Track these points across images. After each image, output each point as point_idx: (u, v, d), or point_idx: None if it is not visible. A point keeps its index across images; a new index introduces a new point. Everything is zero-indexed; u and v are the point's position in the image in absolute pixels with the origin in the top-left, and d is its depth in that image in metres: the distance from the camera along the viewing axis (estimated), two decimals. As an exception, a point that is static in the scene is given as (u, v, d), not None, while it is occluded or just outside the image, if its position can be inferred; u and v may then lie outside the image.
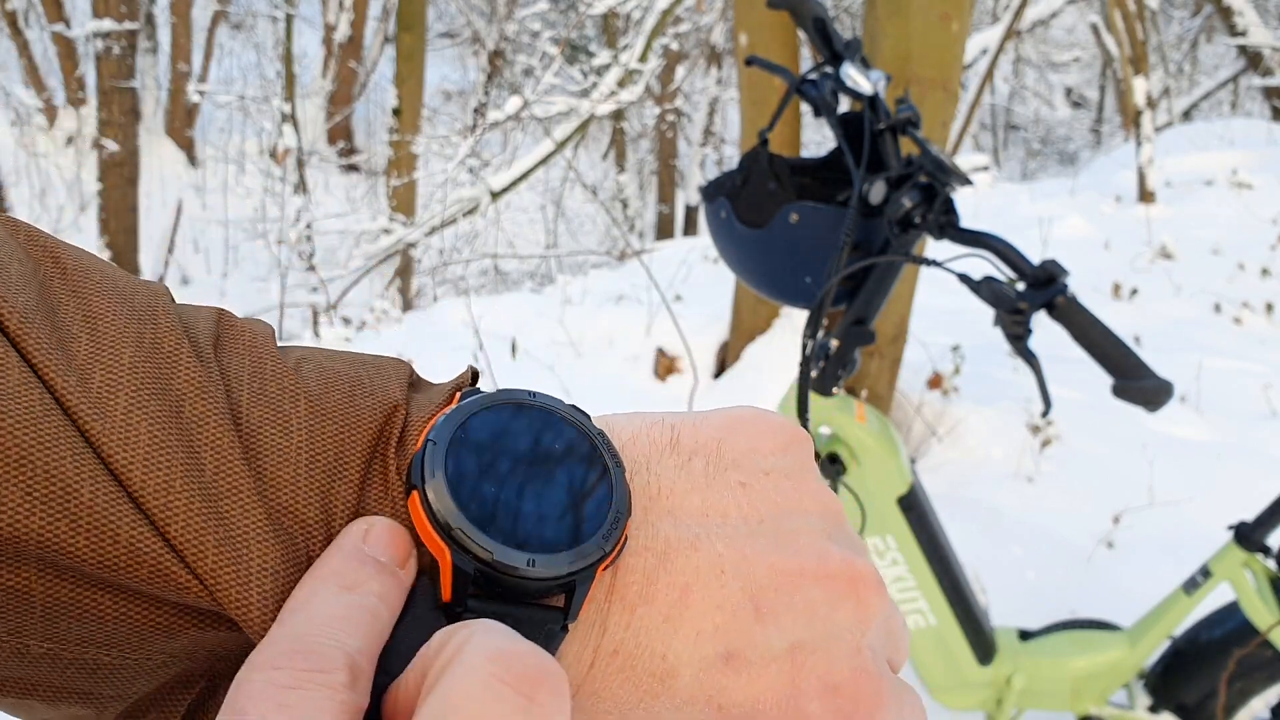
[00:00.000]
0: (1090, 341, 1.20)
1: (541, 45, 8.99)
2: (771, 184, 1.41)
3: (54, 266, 0.27)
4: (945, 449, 2.96)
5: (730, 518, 0.30)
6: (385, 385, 0.30)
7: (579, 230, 10.20)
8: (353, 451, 0.28)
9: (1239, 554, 1.47)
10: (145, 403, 0.25)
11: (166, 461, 0.24)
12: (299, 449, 0.27)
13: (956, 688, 1.56)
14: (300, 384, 0.28)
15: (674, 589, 0.29)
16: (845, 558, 0.30)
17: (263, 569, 0.25)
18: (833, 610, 0.29)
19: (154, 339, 0.26)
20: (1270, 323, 4.25)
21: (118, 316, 0.26)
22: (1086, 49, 14.07)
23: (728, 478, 0.31)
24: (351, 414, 0.28)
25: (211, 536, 0.24)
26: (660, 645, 0.28)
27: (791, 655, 0.29)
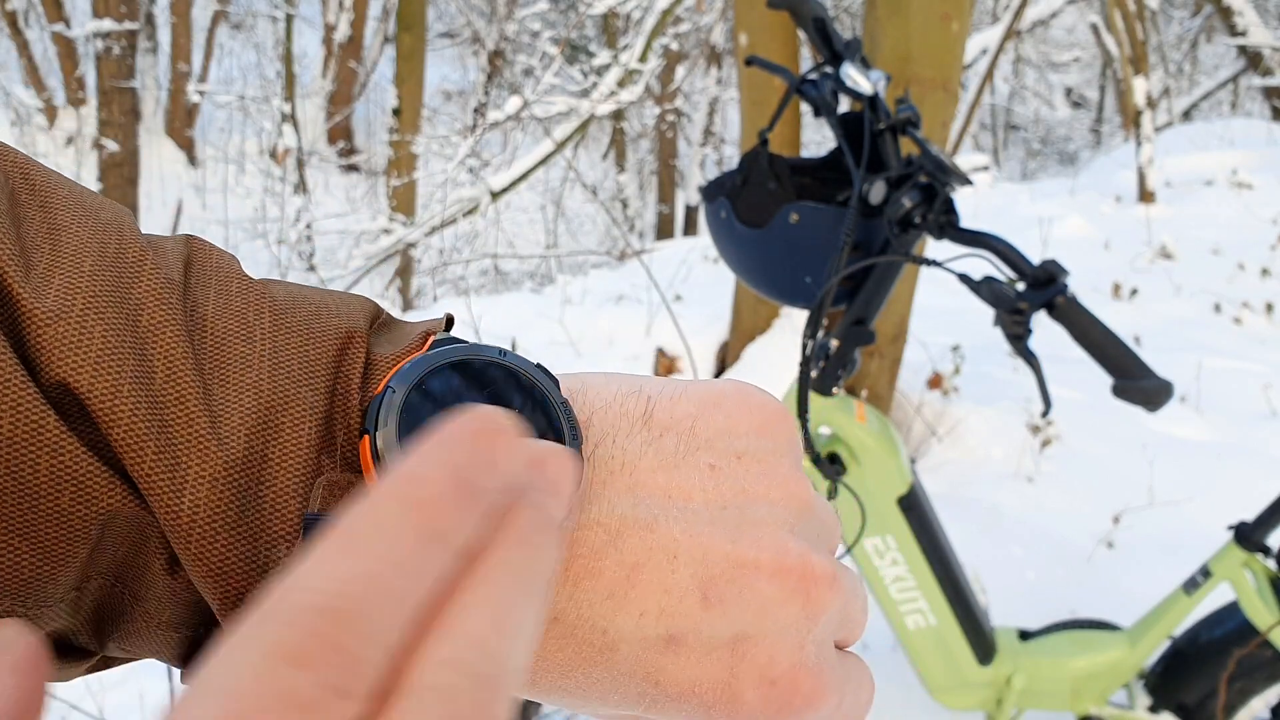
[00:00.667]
0: (1090, 341, 1.20)
1: (541, 45, 8.99)
2: (771, 184, 1.41)
3: (23, 181, 0.27)
4: (945, 449, 2.96)
5: (693, 501, 0.29)
6: (350, 313, 0.29)
7: (579, 230, 10.20)
8: (316, 364, 0.28)
9: (1239, 554, 1.47)
10: (102, 310, 0.25)
11: (116, 367, 0.24)
12: (261, 357, 0.26)
13: (956, 688, 1.56)
14: (265, 298, 0.28)
15: (622, 567, 0.28)
16: (802, 553, 0.30)
17: (199, 476, 0.25)
18: (782, 605, 0.29)
19: (118, 249, 0.26)
20: (1270, 323, 4.25)
21: (82, 228, 0.26)
22: (1086, 49, 14.07)
23: (698, 459, 0.30)
24: (316, 330, 0.28)
25: (152, 443, 0.24)
26: (602, 620, 0.28)
27: (734, 645, 0.29)
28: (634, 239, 9.94)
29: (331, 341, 0.28)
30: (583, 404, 0.31)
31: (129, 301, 0.26)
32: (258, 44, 12.17)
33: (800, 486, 0.31)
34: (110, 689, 1.85)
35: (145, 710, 1.82)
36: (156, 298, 0.26)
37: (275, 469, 0.26)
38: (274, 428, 0.26)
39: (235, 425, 0.25)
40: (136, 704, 1.83)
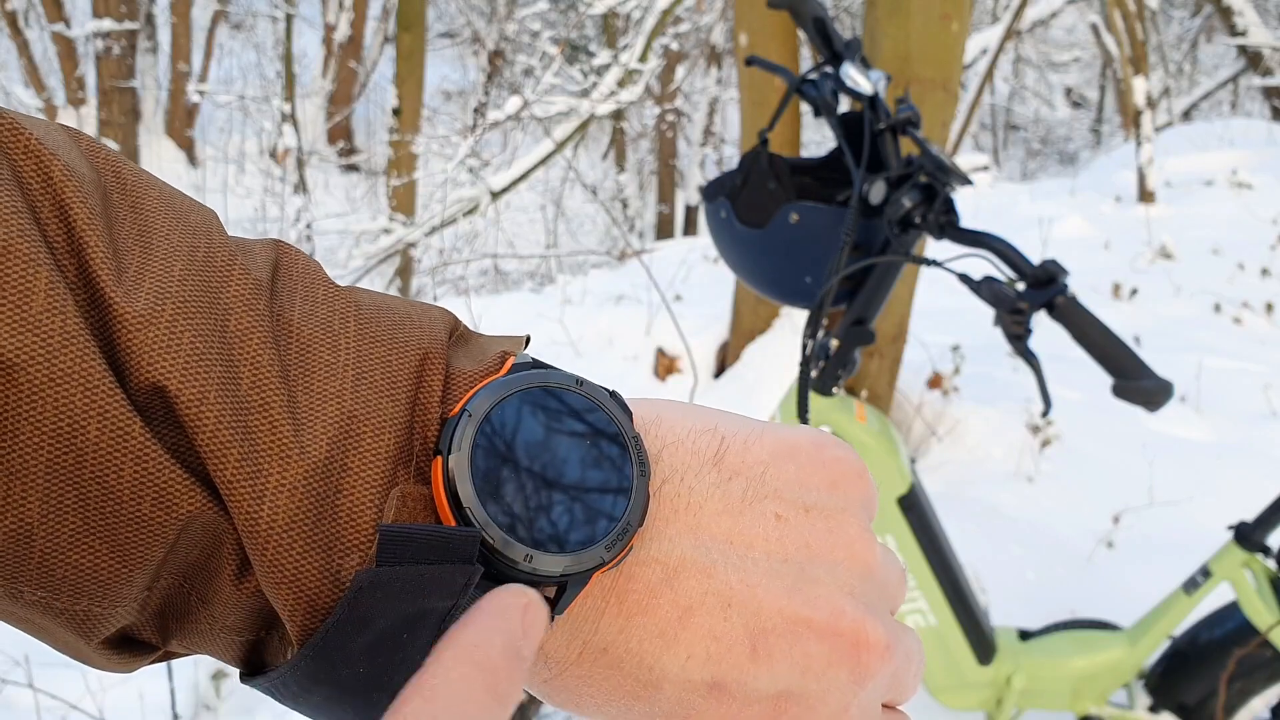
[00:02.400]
0: (1090, 341, 1.20)
1: (541, 45, 8.99)
2: (771, 184, 1.41)
3: (114, 180, 0.26)
4: (945, 449, 2.96)
5: (755, 550, 0.29)
6: (431, 324, 0.29)
7: (579, 230, 10.20)
8: (398, 375, 0.27)
9: (1239, 554, 1.47)
10: (191, 314, 0.25)
11: (204, 372, 0.25)
12: (345, 365, 0.26)
13: (956, 688, 1.56)
14: (351, 305, 0.28)
15: (675, 608, 0.28)
16: (857, 618, 0.29)
17: (280, 484, 0.25)
18: (829, 667, 0.29)
19: (207, 254, 0.26)
20: (1270, 323, 4.25)
21: (172, 231, 0.26)
22: (1086, 49, 14.07)
23: (764, 507, 0.30)
24: (399, 340, 0.28)
25: (235, 449, 0.24)
26: (649, 657, 0.28)
27: (776, 701, 0.29)
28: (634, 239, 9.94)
29: (414, 353, 0.28)
30: (655, 437, 0.31)
31: (218, 306, 0.26)
32: (258, 44, 12.17)
33: (866, 548, 0.31)
34: (110, 689, 1.85)
35: (145, 710, 1.82)
36: (245, 303, 0.26)
37: (354, 478, 0.26)
38: (355, 437, 0.26)
39: (318, 433, 0.25)
40: (137, 704, 1.83)
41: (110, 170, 0.27)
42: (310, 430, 0.25)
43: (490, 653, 0.22)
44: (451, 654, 0.22)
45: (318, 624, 0.26)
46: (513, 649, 0.23)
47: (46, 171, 0.25)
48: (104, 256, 0.24)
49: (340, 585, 0.26)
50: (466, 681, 0.22)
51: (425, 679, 0.21)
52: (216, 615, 0.27)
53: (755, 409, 2.92)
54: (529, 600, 0.24)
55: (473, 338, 0.31)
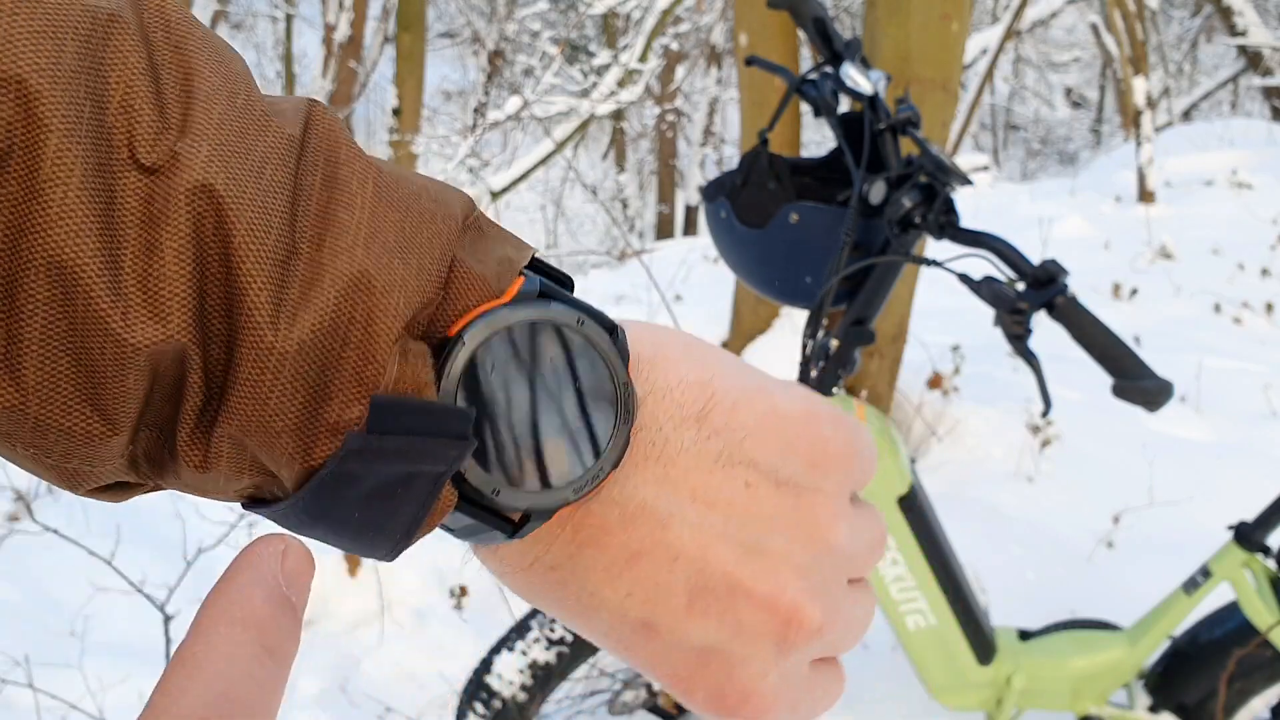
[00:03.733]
0: (1090, 341, 1.20)
1: (541, 45, 8.99)
2: (771, 184, 1.41)
3: (158, 14, 0.26)
4: (945, 449, 2.96)
5: (716, 511, 0.29)
6: (448, 202, 0.29)
7: (579, 230, 10.20)
8: (412, 240, 0.27)
9: (1239, 554, 1.47)
10: (227, 159, 0.25)
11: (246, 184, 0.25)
12: (359, 225, 0.26)
13: (956, 688, 1.56)
14: (370, 169, 0.28)
15: (625, 550, 0.29)
16: (796, 598, 0.30)
17: (291, 320, 0.25)
18: (757, 636, 0.30)
19: (246, 101, 0.26)
20: (1270, 323, 4.25)
21: (214, 74, 0.26)
22: (1086, 49, 14.07)
23: (737, 472, 0.30)
24: (414, 209, 0.28)
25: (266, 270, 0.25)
26: (592, 585, 0.30)
27: (700, 653, 0.30)
28: (634, 239, 9.95)
29: (430, 220, 0.28)
30: (645, 378, 0.30)
31: (254, 154, 0.26)
32: (258, 44, 12.17)
33: (830, 529, 0.31)
34: (110, 689, 1.85)
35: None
36: (279, 156, 0.26)
37: (359, 331, 0.26)
38: (363, 290, 0.26)
39: (326, 285, 0.26)
40: (137, 704, 1.83)
41: (154, 3, 0.26)
42: (319, 283, 0.25)
43: (251, 606, 0.22)
44: (210, 616, 0.22)
45: (310, 471, 0.26)
46: (277, 598, 0.23)
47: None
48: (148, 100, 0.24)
49: (336, 436, 0.26)
50: (231, 640, 0.21)
51: (187, 648, 0.21)
52: (182, 474, 0.27)
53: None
54: (286, 545, 0.24)
55: (485, 231, 0.30)
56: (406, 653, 2.15)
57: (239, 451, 0.26)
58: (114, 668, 1.91)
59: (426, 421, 0.26)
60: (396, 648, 2.16)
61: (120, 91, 0.24)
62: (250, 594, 0.22)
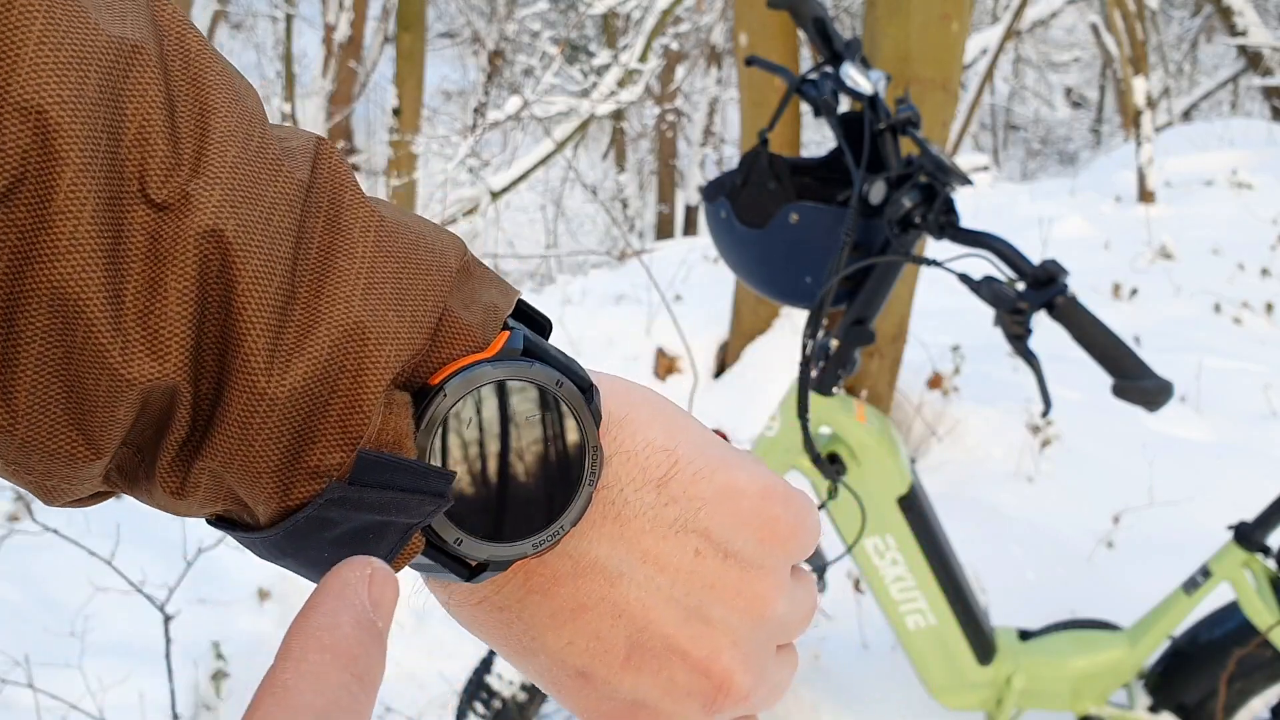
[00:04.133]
0: (1090, 341, 1.20)
1: (541, 45, 8.99)
2: (771, 184, 1.41)
3: (178, 46, 0.26)
4: (945, 449, 2.96)
5: (664, 575, 0.31)
6: (444, 249, 0.30)
7: (579, 230, 10.20)
8: (407, 293, 0.28)
9: (1239, 554, 1.47)
10: (238, 205, 0.25)
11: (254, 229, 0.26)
12: (359, 274, 0.27)
13: (956, 687, 1.56)
14: (372, 217, 0.28)
15: (572, 602, 0.31)
16: (729, 668, 0.32)
17: (285, 367, 0.26)
18: (687, 696, 0.32)
19: (260, 144, 0.27)
20: (1270, 323, 4.25)
21: (230, 113, 0.26)
22: (1086, 49, 14.07)
23: (688, 540, 0.31)
24: (411, 260, 0.29)
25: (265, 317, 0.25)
26: (535, 629, 0.31)
27: (630, 706, 0.32)
28: (634, 239, 9.95)
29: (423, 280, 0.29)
30: (612, 439, 0.32)
31: (264, 200, 0.26)
32: (258, 44, 12.17)
33: (769, 604, 0.32)
34: (110, 689, 1.85)
35: (145, 710, 1.83)
36: (287, 202, 0.27)
37: (349, 381, 0.27)
38: (357, 341, 0.27)
39: (320, 335, 0.26)
40: (136, 704, 1.83)
41: (175, 33, 0.26)
42: (315, 332, 0.26)
43: (340, 633, 0.22)
44: (300, 642, 0.22)
45: (286, 510, 0.27)
46: (364, 623, 0.22)
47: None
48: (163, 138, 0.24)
49: (316, 480, 0.26)
50: (320, 667, 0.21)
51: (276, 676, 0.21)
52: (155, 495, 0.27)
53: (755, 409, 2.93)
54: (373, 570, 0.23)
55: (474, 273, 0.31)
56: (406, 653, 2.15)
57: (216, 483, 0.27)
58: (114, 668, 1.91)
59: (409, 479, 0.27)
60: (396, 648, 2.16)
61: (136, 124, 0.24)
62: (338, 620, 0.22)
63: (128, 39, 0.24)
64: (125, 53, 0.24)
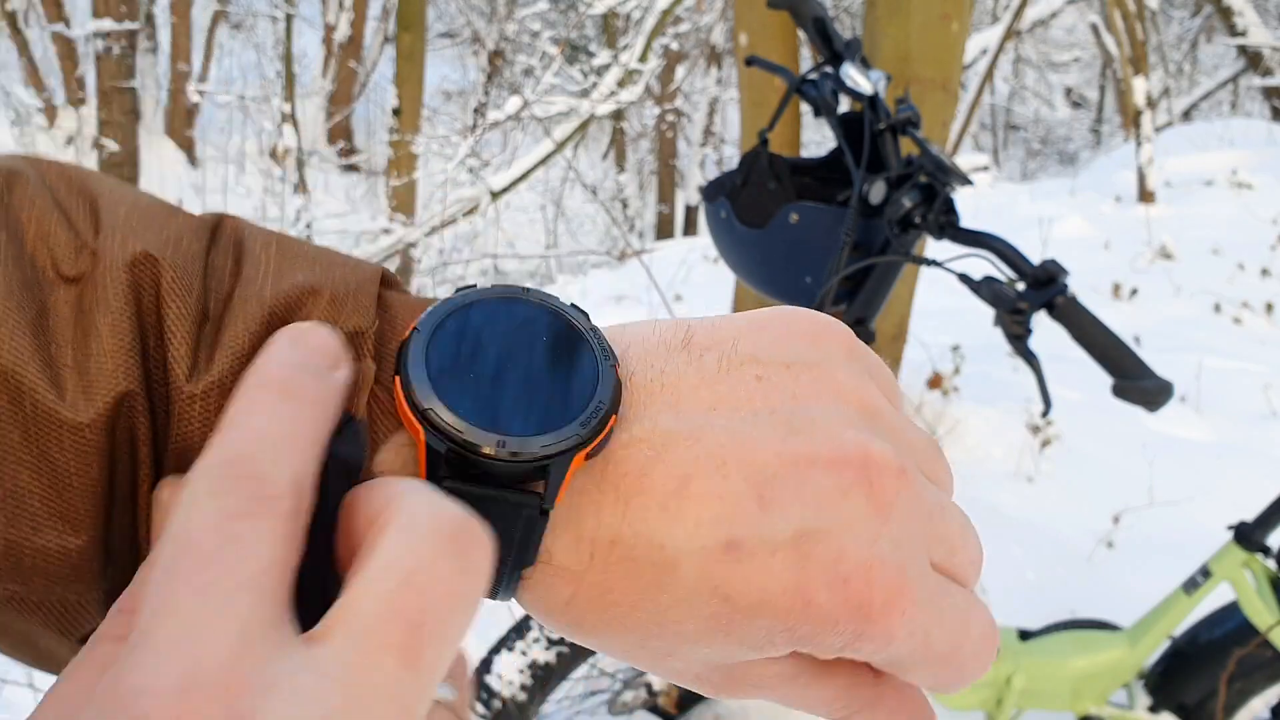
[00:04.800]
0: (1090, 341, 1.20)
1: (541, 45, 9.00)
2: (771, 184, 1.41)
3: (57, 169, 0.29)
4: (945, 449, 2.96)
5: (741, 410, 0.28)
6: (360, 261, 0.31)
7: (579, 230, 10.20)
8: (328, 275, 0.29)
9: (1239, 554, 1.47)
10: (142, 235, 0.27)
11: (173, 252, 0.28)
12: (265, 275, 0.28)
13: (956, 688, 1.56)
14: (272, 236, 0.30)
15: (671, 480, 0.27)
16: (860, 442, 0.28)
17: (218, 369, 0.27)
18: (844, 497, 0.27)
19: (150, 202, 0.29)
20: (1270, 323, 4.25)
21: (113, 194, 0.29)
22: (1086, 49, 14.07)
23: (743, 371, 0.29)
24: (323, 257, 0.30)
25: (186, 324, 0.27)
26: (659, 535, 0.27)
27: (797, 544, 0.27)
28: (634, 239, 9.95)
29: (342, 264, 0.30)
30: (619, 339, 0.31)
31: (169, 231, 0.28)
32: (258, 44, 12.17)
33: (862, 390, 0.30)
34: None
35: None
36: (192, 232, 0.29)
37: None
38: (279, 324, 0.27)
39: (239, 329, 0.27)
40: (136, 704, 1.83)
41: (51, 164, 0.29)
42: (231, 327, 0.27)
43: (263, 372, 0.25)
44: (241, 386, 0.25)
45: None
46: (289, 361, 0.25)
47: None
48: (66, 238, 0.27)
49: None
50: (249, 399, 0.24)
51: (226, 413, 0.24)
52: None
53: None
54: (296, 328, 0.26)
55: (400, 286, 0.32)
56: (406, 653, 2.15)
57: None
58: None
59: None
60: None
61: (34, 227, 0.27)
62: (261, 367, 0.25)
63: (3, 165, 0.27)
64: (3, 176, 0.27)
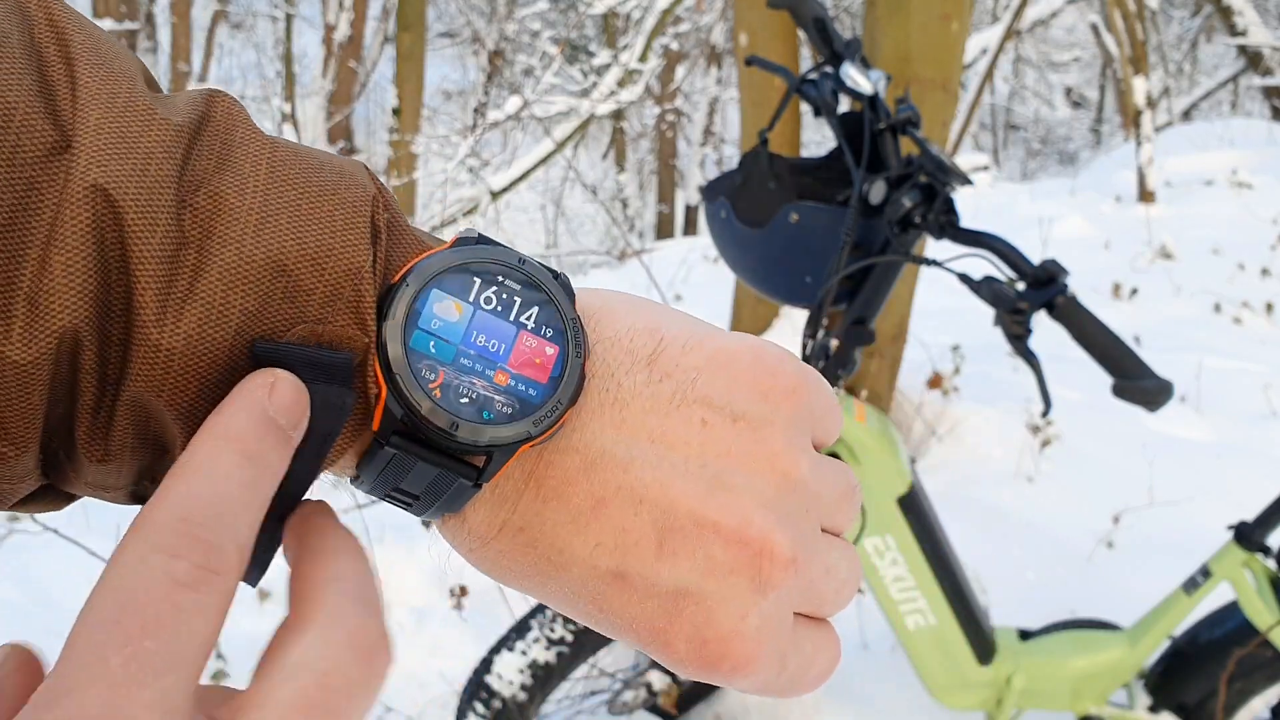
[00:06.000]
0: (1090, 341, 1.20)
1: (541, 45, 9.00)
2: (771, 184, 1.41)
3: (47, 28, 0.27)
4: (945, 449, 2.96)
5: (675, 451, 0.30)
6: (350, 171, 0.30)
7: (579, 230, 10.20)
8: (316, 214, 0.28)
9: (1239, 554, 1.47)
10: (107, 162, 0.25)
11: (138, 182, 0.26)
12: (249, 210, 0.27)
13: (956, 687, 1.56)
14: (264, 148, 0.28)
15: (590, 498, 0.29)
16: (764, 529, 0.29)
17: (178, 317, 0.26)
18: (730, 573, 0.29)
19: (128, 100, 0.27)
20: (1270, 323, 4.25)
21: (94, 77, 0.26)
22: (1086, 49, 14.07)
23: (692, 411, 0.30)
24: (314, 183, 0.28)
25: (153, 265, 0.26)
26: (561, 540, 0.30)
27: (674, 597, 0.30)
28: (634, 239, 9.95)
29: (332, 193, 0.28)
30: (593, 329, 0.31)
31: (136, 152, 0.26)
32: (258, 44, 12.17)
33: (790, 461, 0.31)
34: (110, 689, 1.85)
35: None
36: (164, 149, 0.26)
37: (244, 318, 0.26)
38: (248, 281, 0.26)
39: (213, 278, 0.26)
40: (136, 704, 1.83)
41: (43, 17, 0.27)
42: (204, 275, 0.26)
43: (234, 423, 0.25)
44: (199, 436, 0.25)
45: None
46: (260, 418, 0.25)
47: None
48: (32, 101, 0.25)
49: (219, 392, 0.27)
50: (215, 452, 0.24)
51: (179, 462, 0.24)
52: (82, 470, 0.27)
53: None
54: (275, 378, 0.26)
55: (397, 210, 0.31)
56: (406, 652, 2.15)
57: (140, 434, 0.27)
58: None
59: (308, 370, 0.27)
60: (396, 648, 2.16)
61: (20, 111, 0.25)
62: (234, 415, 0.25)
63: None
64: None
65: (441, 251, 0.29)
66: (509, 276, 0.30)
